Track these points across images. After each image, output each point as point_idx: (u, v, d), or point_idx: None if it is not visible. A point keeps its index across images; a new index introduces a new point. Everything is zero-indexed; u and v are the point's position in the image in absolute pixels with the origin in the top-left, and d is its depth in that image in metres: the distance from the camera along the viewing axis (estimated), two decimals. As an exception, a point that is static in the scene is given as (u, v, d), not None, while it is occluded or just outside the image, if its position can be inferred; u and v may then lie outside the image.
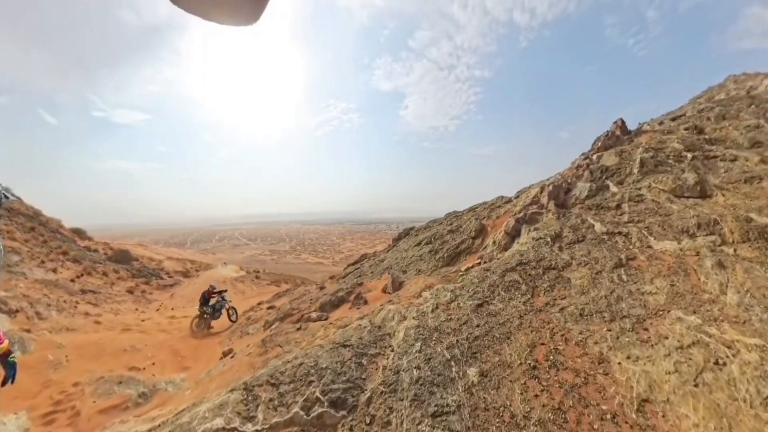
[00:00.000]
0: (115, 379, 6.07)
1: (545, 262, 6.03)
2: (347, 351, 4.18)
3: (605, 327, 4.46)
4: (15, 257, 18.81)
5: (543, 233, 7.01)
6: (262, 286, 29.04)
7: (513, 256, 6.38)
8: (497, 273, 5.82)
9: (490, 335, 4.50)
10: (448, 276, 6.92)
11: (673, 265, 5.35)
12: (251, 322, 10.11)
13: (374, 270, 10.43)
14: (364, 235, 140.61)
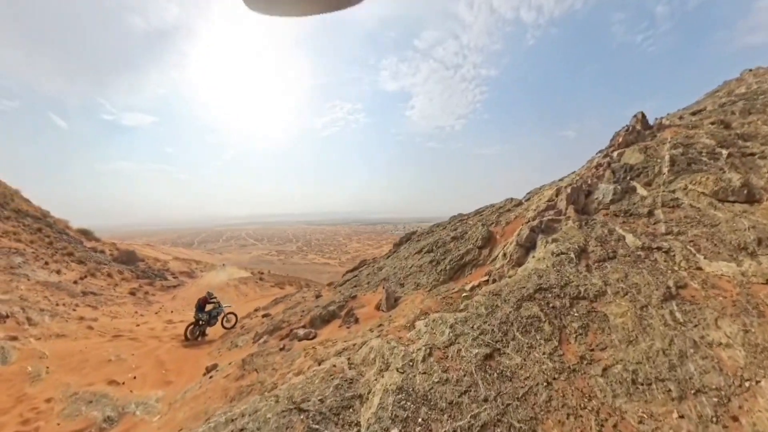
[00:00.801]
0: (87, 397, 5.84)
1: (572, 288, 4.81)
2: (299, 421, 3.22)
3: (675, 411, 3.18)
4: (18, 259, 18.93)
5: (564, 246, 5.87)
6: (266, 289, 28.96)
7: (529, 277, 5.21)
8: (510, 302, 4.66)
9: (505, 421, 3.16)
10: (449, 297, 6.07)
11: (737, 299, 4.21)
12: (244, 331, 9.87)
13: (371, 280, 10.04)
14: (371, 236, 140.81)
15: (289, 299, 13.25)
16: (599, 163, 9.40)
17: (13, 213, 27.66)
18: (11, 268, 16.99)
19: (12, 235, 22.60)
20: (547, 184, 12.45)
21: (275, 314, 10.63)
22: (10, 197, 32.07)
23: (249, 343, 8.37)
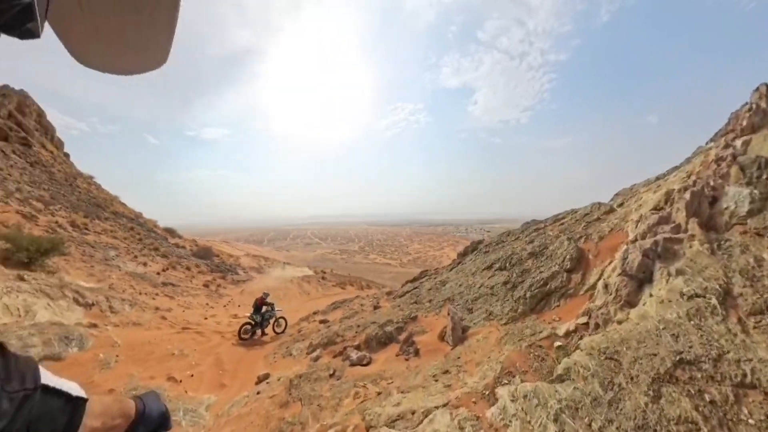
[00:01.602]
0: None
1: (730, 366, 3.26)
2: None
3: None
4: (113, 252, 21.25)
5: (697, 284, 4.23)
6: (327, 288, 29.43)
7: (657, 335, 3.65)
8: (640, 382, 3.15)
9: None
10: (537, 346, 4.56)
11: None
12: (300, 337, 9.55)
13: (433, 297, 8.92)
14: (432, 237, 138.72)
15: (347, 305, 12.78)
16: (719, 157, 7.26)
17: (111, 215, 31.79)
18: (106, 260, 19.07)
19: (110, 233, 25.74)
20: (640, 184, 10.16)
21: (332, 321, 10.21)
22: (110, 202, 37.33)
23: (303, 354, 7.97)
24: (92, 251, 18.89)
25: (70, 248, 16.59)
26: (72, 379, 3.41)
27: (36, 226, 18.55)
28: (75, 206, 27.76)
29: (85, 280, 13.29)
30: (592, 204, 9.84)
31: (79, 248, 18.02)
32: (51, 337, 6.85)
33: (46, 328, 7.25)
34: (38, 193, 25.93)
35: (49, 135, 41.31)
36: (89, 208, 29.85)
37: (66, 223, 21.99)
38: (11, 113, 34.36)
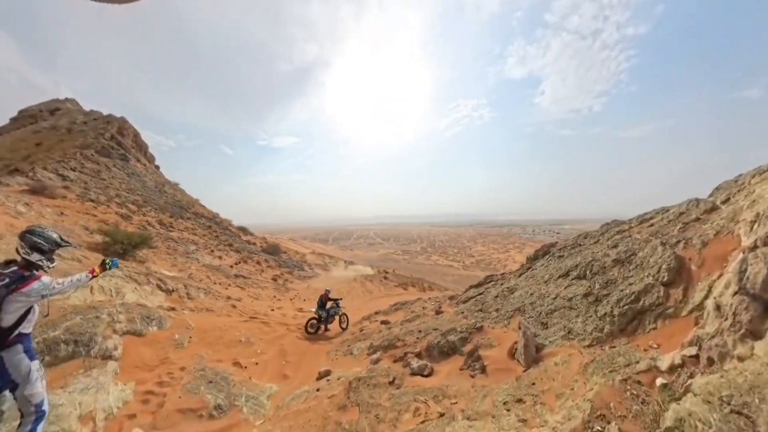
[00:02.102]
0: (210, 376, 5.96)
1: None
2: None
3: None
4: (193, 247, 23.33)
5: None
6: (390, 288, 29.40)
7: None
8: None
9: None
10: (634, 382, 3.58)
11: None
12: (361, 337, 9.37)
13: (501, 306, 7.97)
14: (496, 239, 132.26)
15: (409, 307, 12.36)
16: None
17: (192, 215, 35.38)
18: (187, 253, 20.99)
19: (191, 231, 28.54)
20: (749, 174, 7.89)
21: (393, 323, 9.91)
22: (191, 204, 41.86)
23: (363, 354, 7.77)
24: (175, 246, 20.91)
25: (158, 243, 18.54)
26: (150, 354, 3.13)
27: (130, 224, 21.08)
28: (162, 208, 31.27)
29: (168, 269, 14.64)
30: (689, 201, 7.97)
31: (164, 243, 20.05)
32: (135, 316, 7.44)
33: (132, 308, 7.92)
34: (133, 197, 29.71)
35: (143, 151, 48.72)
36: (174, 209, 33.39)
37: (155, 222, 24.76)
38: (113, 135, 41.56)
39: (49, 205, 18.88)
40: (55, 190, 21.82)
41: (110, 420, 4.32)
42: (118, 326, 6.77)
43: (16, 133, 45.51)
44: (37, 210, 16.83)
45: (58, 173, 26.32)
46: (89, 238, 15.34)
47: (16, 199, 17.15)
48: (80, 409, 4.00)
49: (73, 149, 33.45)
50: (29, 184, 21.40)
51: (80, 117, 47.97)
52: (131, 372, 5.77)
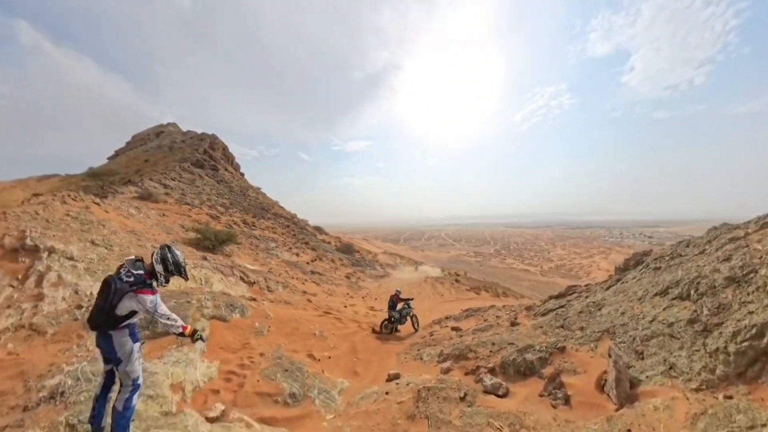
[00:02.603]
0: (286, 364, 6.19)
1: None
2: None
3: None
4: (273, 244, 25.11)
5: None
6: (461, 292, 28.43)
7: None
8: None
9: None
10: None
11: None
12: (431, 342, 9.08)
13: (585, 323, 6.92)
14: (578, 242, 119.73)
15: (481, 314, 11.68)
16: None
17: (272, 215, 38.36)
18: (268, 250, 22.65)
19: (271, 230, 30.86)
20: None
21: (465, 331, 9.44)
22: (272, 206, 45.78)
23: (433, 361, 7.49)
24: (257, 242, 22.71)
25: (242, 240, 20.32)
26: (233, 338, 3.18)
27: (219, 223, 23.45)
28: (246, 209, 34.37)
29: (251, 263, 15.89)
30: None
31: (248, 240, 21.89)
32: (220, 303, 8.12)
33: (218, 296, 8.67)
34: (221, 201, 33.17)
35: (230, 161, 55.63)
36: (256, 210, 36.47)
37: (240, 222, 27.24)
38: (206, 150, 48.39)
39: (154, 208, 21.98)
40: (159, 196, 25.56)
41: (197, 392, 4.67)
42: (205, 311, 7.43)
43: (129, 153, 55.73)
44: (144, 212, 19.61)
45: (161, 183, 30.59)
46: (185, 235, 17.45)
47: (128, 203, 20.29)
48: (172, 379, 4.38)
49: (174, 163, 39.03)
50: (139, 192, 25.38)
51: (179, 137, 57.41)
52: (216, 352, 6.24)
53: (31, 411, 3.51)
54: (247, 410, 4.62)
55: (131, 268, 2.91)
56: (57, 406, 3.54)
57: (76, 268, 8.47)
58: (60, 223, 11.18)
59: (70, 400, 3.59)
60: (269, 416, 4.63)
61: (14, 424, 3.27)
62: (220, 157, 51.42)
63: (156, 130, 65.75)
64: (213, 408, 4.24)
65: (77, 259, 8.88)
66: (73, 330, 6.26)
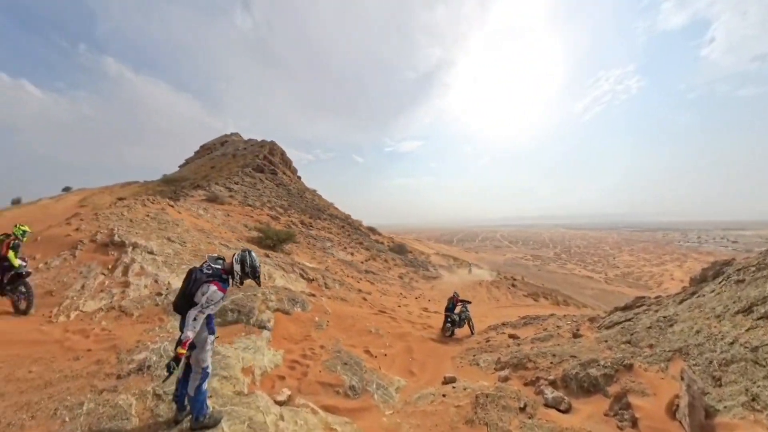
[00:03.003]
0: (345, 358, 6.32)
1: None
2: None
3: None
4: (329, 243, 25.88)
5: None
6: (518, 297, 27.18)
7: None
8: None
9: None
10: None
11: None
12: (488, 348, 8.76)
13: (656, 341, 6.19)
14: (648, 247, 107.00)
15: (540, 323, 11.04)
16: None
17: (328, 216, 39.68)
18: (324, 249, 23.39)
19: (326, 230, 31.89)
20: None
21: (523, 339, 9.00)
22: (327, 207, 47.62)
23: (490, 368, 7.22)
24: (314, 242, 23.55)
25: (300, 239, 21.21)
26: (295, 330, 3.31)
27: (278, 223, 24.71)
28: (303, 210, 35.86)
29: (309, 261, 16.49)
30: None
31: (305, 239, 22.78)
32: (283, 297, 8.51)
33: (280, 291, 9.09)
34: (280, 202, 34.93)
35: (288, 165, 59.00)
36: (313, 211, 37.92)
37: (297, 222, 28.47)
38: (265, 156, 51.90)
39: (220, 209, 23.80)
40: (224, 198, 27.66)
41: (264, 376, 4.92)
42: (269, 304, 7.81)
43: (198, 161, 61.45)
44: (211, 213, 21.26)
45: (226, 186, 33.00)
46: (248, 234, 18.66)
47: (198, 205, 22.24)
48: (242, 363, 4.68)
49: (237, 168, 42.13)
50: (206, 195, 27.75)
51: (242, 145, 62.48)
52: (280, 342, 6.53)
53: (123, 379, 3.97)
54: (310, 397, 4.76)
55: (212, 263, 3.18)
56: (144, 377, 3.98)
57: (156, 261, 9.36)
58: (141, 223, 12.48)
59: (155, 373, 4.02)
60: (331, 405, 4.75)
61: (110, 388, 3.74)
62: (279, 162, 54.58)
63: (221, 139, 71.65)
64: (280, 392, 4.42)
65: (156, 253, 9.81)
66: (155, 313, 6.94)
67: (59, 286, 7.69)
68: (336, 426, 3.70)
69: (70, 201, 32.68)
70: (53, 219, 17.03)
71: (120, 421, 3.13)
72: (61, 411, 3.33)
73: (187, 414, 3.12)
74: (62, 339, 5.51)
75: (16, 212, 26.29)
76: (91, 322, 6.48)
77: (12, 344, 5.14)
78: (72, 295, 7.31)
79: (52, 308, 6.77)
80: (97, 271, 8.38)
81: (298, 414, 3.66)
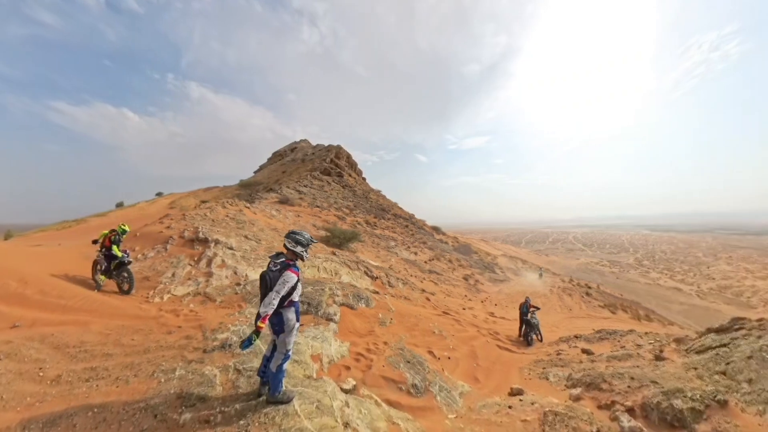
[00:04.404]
0: (408, 356, 6.37)
1: None
2: None
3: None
4: (392, 242, 26.19)
5: None
6: (592, 307, 24.94)
7: None
8: None
9: None
10: None
11: None
12: (558, 362, 8.18)
13: (756, 374, 5.20)
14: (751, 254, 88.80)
15: (617, 339, 10.01)
16: None
17: (392, 216, 40.20)
18: (388, 248, 23.72)
19: (390, 229, 32.32)
20: None
21: (597, 356, 8.23)
22: (391, 207, 48.26)
23: (561, 384, 6.73)
24: (378, 241, 24.04)
25: (365, 238, 21.81)
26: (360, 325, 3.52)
27: (344, 223, 25.65)
28: (368, 210, 36.77)
29: (373, 260, 16.85)
30: None
31: (370, 238, 23.35)
32: (348, 293, 8.82)
33: (346, 287, 9.44)
34: (346, 203, 36.21)
35: (353, 167, 61.36)
36: (377, 211, 38.69)
37: (362, 222, 29.28)
38: (332, 159, 54.47)
39: (291, 210, 25.41)
40: (294, 200, 29.49)
41: (331, 365, 5.16)
42: (336, 298, 8.15)
43: (271, 166, 66.60)
44: (283, 214, 22.77)
45: (296, 189, 35.10)
46: (316, 233, 19.68)
47: (271, 207, 24.03)
48: (312, 350, 4.97)
49: (305, 172, 44.74)
50: (278, 197, 29.82)
51: (310, 150, 66.74)
52: (346, 335, 6.78)
53: (209, 354, 4.49)
54: (374, 390, 4.88)
55: (274, 260, 3.49)
56: (226, 353, 4.47)
57: (235, 256, 10.29)
58: (222, 222, 13.81)
59: (236, 351, 4.50)
60: (394, 400, 4.81)
61: (198, 360, 4.28)
62: (345, 165, 56.91)
63: (291, 146, 76.77)
64: (346, 381, 4.59)
65: (235, 249, 10.78)
66: (234, 301, 7.67)
67: (154, 273, 8.88)
68: (398, 421, 3.75)
69: (162, 204, 37.88)
70: (149, 219, 19.66)
71: (206, 387, 3.54)
72: (158, 373, 3.89)
73: (267, 389, 3.45)
74: (157, 316, 6.37)
75: (119, 213, 31.73)
76: (180, 304, 7.40)
77: (118, 317, 6.06)
78: (164, 281, 8.42)
79: (149, 291, 7.89)
80: (185, 262, 9.49)
81: (363, 404, 3.77)
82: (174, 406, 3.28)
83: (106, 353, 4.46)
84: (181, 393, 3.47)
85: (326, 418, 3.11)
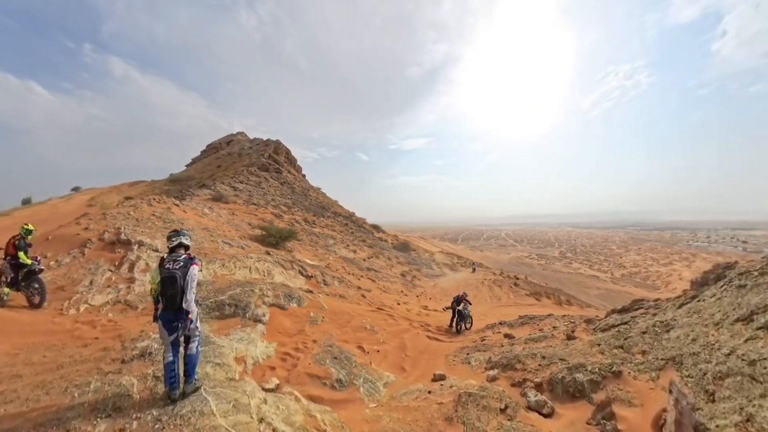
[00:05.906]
0: (335, 352, 6.68)
1: None
2: None
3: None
4: (331, 241, 26.29)
5: None
6: (520, 296, 27.25)
7: None
8: None
9: None
10: None
11: None
12: (481, 347, 8.96)
13: (649, 348, 6.06)
14: (656, 246, 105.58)
15: (537, 323, 11.21)
16: None
17: (332, 214, 40.11)
18: (327, 246, 23.81)
19: (330, 227, 32.31)
20: None
21: (517, 339, 9.15)
22: (331, 205, 48.00)
23: (481, 367, 7.41)
24: (317, 239, 24.01)
25: (302, 236, 21.66)
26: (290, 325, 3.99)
27: (281, 221, 25.19)
28: (307, 208, 36.34)
29: (311, 259, 16.91)
30: None
31: (308, 237, 23.25)
32: (280, 293, 8.93)
33: (278, 287, 9.51)
34: (284, 201, 35.43)
35: (293, 164, 59.53)
36: (317, 209, 38.37)
37: (301, 220, 28.93)
38: (270, 155, 52.33)
39: (225, 208, 24.34)
40: (229, 197, 28.16)
41: (256, 366, 5.34)
42: (266, 299, 8.24)
43: (204, 160, 62.61)
44: (216, 212, 21.80)
45: (231, 186, 33.56)
46: (252, 232, 19.15)
47: (203, 204, 22.81)
48: (236, 353, 5.11)
49: (242, 167, 42.75)
50: (212, 194, 28.31)
51: (247, 144, 63.33)
52: (274, 335, 6.94)
53: (127, 363, 4.44)
54: (297, 387, 5.14)
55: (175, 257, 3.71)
56: (146, 362, 4.46)
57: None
58: (147, 222, 13.00)
59: (156, 358, 4.49)
60: (317, 395, 5.12)
61: (115, 371, 4.23)
62: (284, 161, 55.21)
63: (226, 139, 72.52)
64: (269, 381, 4.82)
65: (161, 251, 10.30)
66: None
67: (69, 282, 8.20)
68: (316, 413, 4.01)
69: (79, 201, 33.66)
70: (63, 218, 17.69)
71: (122, 397, 3.57)
72: (71, 389, 3.80)
73: (180, 392, 3.53)
74: (72, 329, 6.02)
75: (27, 212, 27.01)
76: (98, 314, 6.99)
77: (28, 334, 5.64)
78: (81, 290, 7.82)
79: (63, 302, 7.28)
80: (104, 267, 8.89)
81: (281, 400, 4.03)
82: (88, 419, 3.27)
83: (14, 374, 4.23)
84: (96, 405, 3.46)
85: (241, 415, 3.30)
